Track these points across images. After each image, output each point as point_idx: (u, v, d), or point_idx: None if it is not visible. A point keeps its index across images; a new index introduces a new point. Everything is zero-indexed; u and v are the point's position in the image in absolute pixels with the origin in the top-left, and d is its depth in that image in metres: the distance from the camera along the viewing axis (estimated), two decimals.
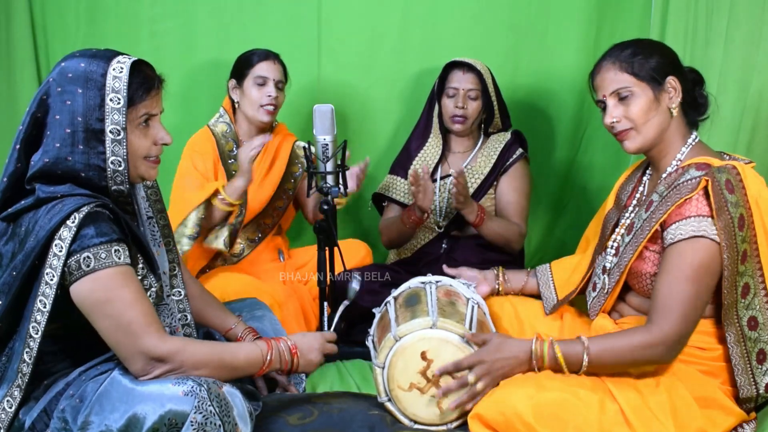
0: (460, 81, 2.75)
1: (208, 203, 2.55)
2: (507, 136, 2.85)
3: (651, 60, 1.86)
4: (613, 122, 1.89)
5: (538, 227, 3.29)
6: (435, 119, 2.86)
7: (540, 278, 2.24)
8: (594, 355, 1.77)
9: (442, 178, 2.84)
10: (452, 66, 2.78)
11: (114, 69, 1.64)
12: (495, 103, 2.80)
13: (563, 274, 2.21)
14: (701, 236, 1.74)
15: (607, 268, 1.98)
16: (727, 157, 1.88)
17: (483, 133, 2.90)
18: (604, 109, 1.92)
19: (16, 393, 1.64)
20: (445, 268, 2.28)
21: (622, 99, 1.88)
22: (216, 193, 2.55)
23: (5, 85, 3.09)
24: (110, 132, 1.63)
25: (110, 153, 1.64)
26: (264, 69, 2.70)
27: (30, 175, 1.64)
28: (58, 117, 1.62)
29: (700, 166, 1.81)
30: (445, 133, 2.89)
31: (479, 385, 1.78)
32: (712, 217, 1.74)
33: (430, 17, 3.17)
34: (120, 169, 1.66)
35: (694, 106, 1.92)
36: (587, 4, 3.10)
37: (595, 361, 1.77)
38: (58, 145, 1.62)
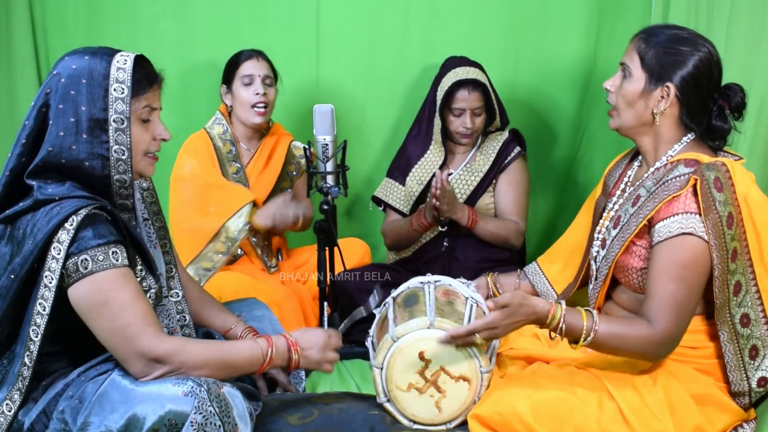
0: (467, 100, 2.71)
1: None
2: (505, 134, 2.85)
3: (665, 57, 1.82)
4: (607, 88, 1.92)
5: (538, 227, 3.28)
6: (436, 129, 2.81)
7: (532, 278, 2.24)
8: (600, 334, 1.72)
9: None
10: (457, 84, 2.71)
11: (118, 61, 1.68)
12: (496, 106, 2.79)
13: (554, 267, 2.20)
14: (689, 233, 1.73)
15: (597, 258, 1.98)
16: (720, 154, 1.88)
17: (482, 133, 2.88)
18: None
19: (15, 396, 1.64)
20: None
21: (625, 74, 1.88)
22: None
23: (5, 84, 3.09)
24: (113, 121, 1.65)
25: (113, 142, 1.66)
26: (249, 67, 2.71)
27: (33, 167, 1.64)
28: (61, 106, 1.63)
29: (689, 163, 1.80)
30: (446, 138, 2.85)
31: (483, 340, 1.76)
32: (701, 214, 1.73)
33: (430, 17, 3.16)
34: (123, 158, 1.67)
35: (696, 122, 1.86)
36: (587, 3, 3.09)
37: (598, 340, 1.72)
38: (62, 133, 1.63)
